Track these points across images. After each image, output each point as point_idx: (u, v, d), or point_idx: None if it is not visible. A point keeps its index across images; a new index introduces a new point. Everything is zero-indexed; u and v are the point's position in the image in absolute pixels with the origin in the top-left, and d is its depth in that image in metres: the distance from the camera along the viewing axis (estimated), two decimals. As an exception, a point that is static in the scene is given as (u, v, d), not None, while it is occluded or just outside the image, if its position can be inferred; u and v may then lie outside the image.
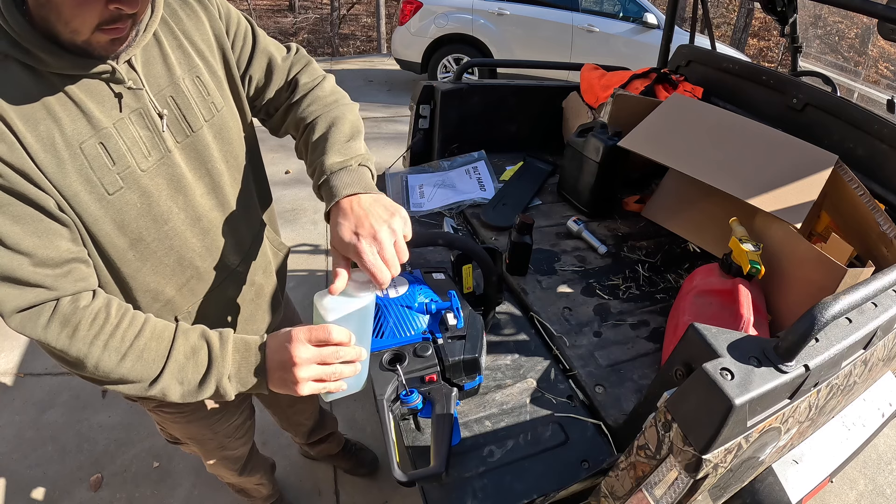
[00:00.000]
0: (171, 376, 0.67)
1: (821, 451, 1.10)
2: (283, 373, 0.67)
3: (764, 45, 12.77)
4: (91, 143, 0.65)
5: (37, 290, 0.63)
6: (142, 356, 0.66)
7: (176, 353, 0.67)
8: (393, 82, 6.26)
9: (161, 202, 0.72)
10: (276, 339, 0.69)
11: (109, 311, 0.67)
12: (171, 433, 1.09)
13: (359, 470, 1.72)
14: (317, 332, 0.66)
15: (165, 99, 0.72)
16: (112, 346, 0.65)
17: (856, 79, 10.88)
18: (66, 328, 0.64)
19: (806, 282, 1.10)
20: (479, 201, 1.62)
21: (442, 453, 0.80)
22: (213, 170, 0.79)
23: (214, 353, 0.68)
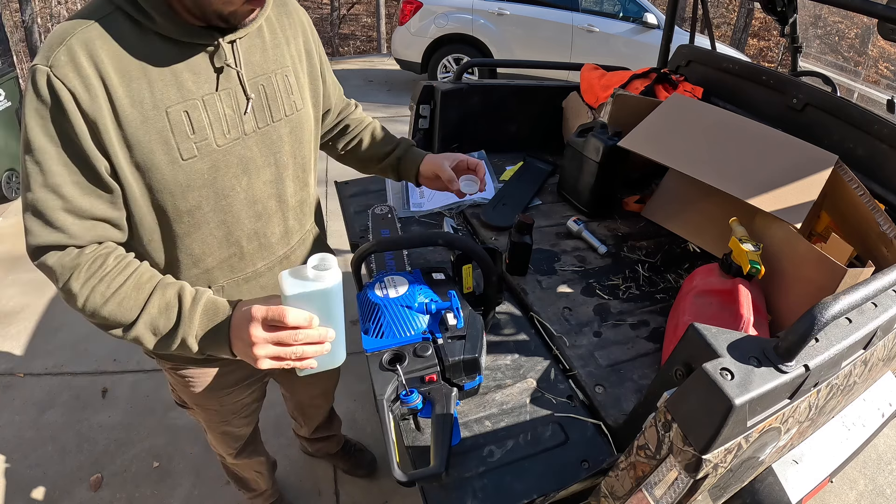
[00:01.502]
0: (144, 326, 0.71)
1: (821, 451, 1.10)
2: (242, 346, 0.70)
3: (764, 45, 12.77)
4: (176, 110, 0.70)
5: (59, 234, 0.68)
6: (121, 304, 0.70)
7: (150, 306, 0.71)
8: (393, 82, 6.26)
9: (226, 178, 0.77)
10: (240, 313, 0.71)
11: (108, 258, 0.71)
12: (180, 395, 1.10)
13: (357, 471, 1.73)
14: (272, 313, 0.67)
15: (256, 85, 0.78)
16: (98, 290, 0.70)
17: (856, 79, 10.88)
18: (63, 272, 0.69)
19: (806, 282, 1.10)
20: (479, 201, 1.62)
21: (442, 453, 0.80)
22: (280, 161, 0.84)
23: (184, 312, 0.71)
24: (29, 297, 2.54)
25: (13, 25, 10.42)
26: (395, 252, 1.24)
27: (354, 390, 1.99)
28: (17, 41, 10.33)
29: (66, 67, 0.63)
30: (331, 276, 0.68)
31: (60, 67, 0.63)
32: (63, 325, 2.36)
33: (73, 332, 2.32)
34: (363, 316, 0.95)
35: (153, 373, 2.10)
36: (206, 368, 0.99)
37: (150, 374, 2.10)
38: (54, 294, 2.56)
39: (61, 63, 0.63)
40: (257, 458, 1.37)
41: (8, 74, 3.47)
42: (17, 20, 10.20)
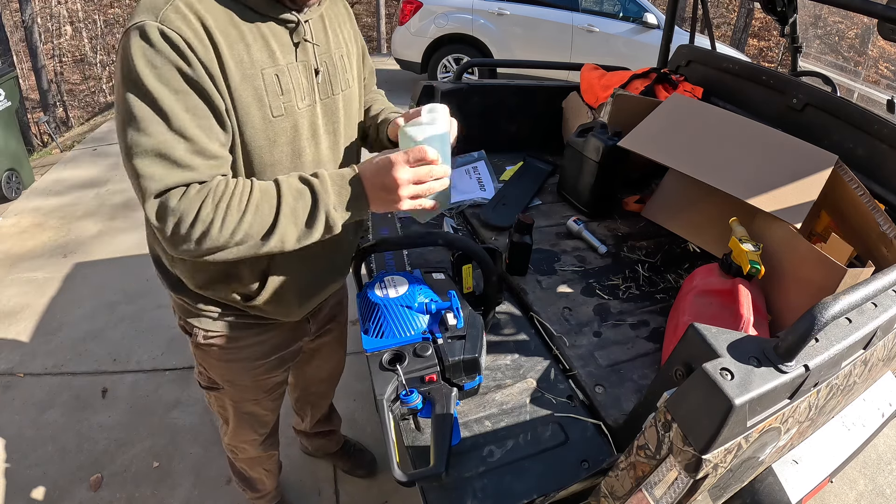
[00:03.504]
0: (286, 220, 0.74)
1: (821, 451, 1.10)
2: (385, 194, 0.78)
3: (764, 45, 12.77)
4: (270, 72, 0.77)
5: (187, 173, 0.70)
6: (258, 209, 0.73)
7: (284, 198, 0.75)
8: (393, 82, 6.26)
9: (302, 139, 0.85)
10: (372, 166, 0.78)
11: (228, 181, 0.74)
12: (210, 375, 1.09)
13: (357, 471, 1.73)
14: (413, 153, 0.77)
15: (324, 61, 0.87)
16: (233, 205, 0.72)
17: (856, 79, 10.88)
18: (192, 205, 0.71)
19: (806, 282, 1.10)
20: (479, 201, 1.62)
21: (442, 453, 0.80)
22: (337, 131, 0.92)
23: (317, 189, 0.76)
24: (29, 297, 2.54)
25: (13, 25, 10.42)
26: (394, 252, 1.24)
27: (354, 390, 1.98)
28: (17, 41, 10.33)
29: (178, 21, 0.67)
30: (445, 119, 0.85)
31: (172, 22, 0.67)
32: (63, 325, 2.36)
33: (73, 332, 2.32)
34: (363, 316, 0.95)
35: (153, 373, 2.10)
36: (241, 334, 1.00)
37: (150, 374, 2.10)
38: (54, 294, 2.56)
39: (172, 18, 0.67)
40: (273, 453, 1.38)
41: (8, 74, 3.47)
42: (17, 20, 10.20)
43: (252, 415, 1.19)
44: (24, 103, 7.83)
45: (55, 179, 3.82)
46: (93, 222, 3.23)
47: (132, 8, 0.74)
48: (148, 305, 2.48)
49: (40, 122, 6.09)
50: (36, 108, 10.06)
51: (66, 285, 2.64)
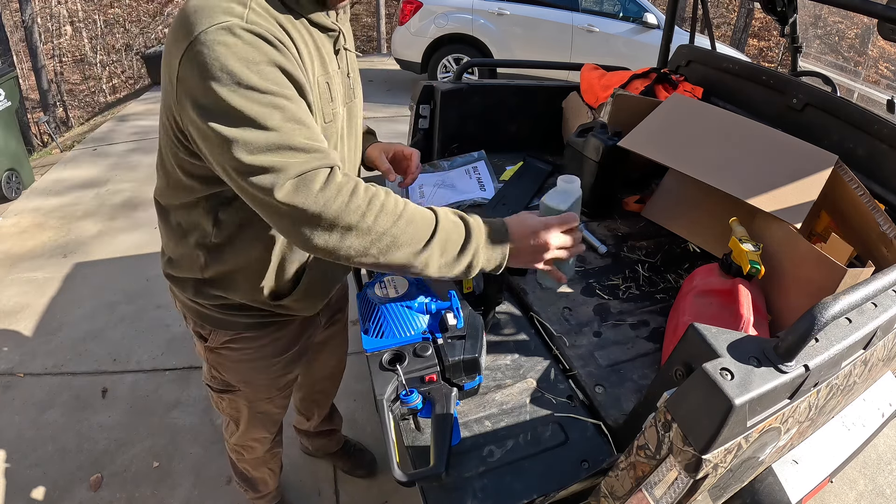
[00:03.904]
0: (438, 243, 0.72)
1: (821, 451, 1.10)
2: (531, 252, 0.80)
3: (764, 45, 12.77)
4: (323, 80, 0.80)
5: (317, 155, 0.68)
6: (413, 220, 0.71)
7: (442, 220, 0.73)
8: (393, 82, 6.26)
9: (340, 142, 0.89)
10: (524, 224, 0.79)
11: (377, 186, 0.73)
12: (225, 378, 1.08)
13: (357, 471, 1.73)
14: (566, 220, 0.81)
15: (351, 66, 0.91)
16: (387, 208, 0.70)
17: (856, 79, 10.88)
18: (342, 192, 0.68)
19: (806, 282, 1.10)
20: (479, 201, 1.62)
21: (442, 453, 0.80)
22: (355, 133, 0.97)
23: (471, 225, 0.76)
24: (29, 297, 2.54)
25: (13, 25, 10.42)
26: (395, 252, 1.24)
27: (354, 390, 1.99)
28: (17, 41, 10.32)
29: (260, 22, 0.67)
30: (579, 190, 0.93)
31: (256, 23, 0.67)
32: (63, 325, 2.36)
33: (73, 332, 2.32)
34: (363, 316, 0.95)
35: (153, 373, 2.10)
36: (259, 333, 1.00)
37: (150, 374, 2.10)
38: (54, 294, 2.56)
39: (254, 20, 0.67)
40: (279, 451, 1.39)
41: (8, 74, 3.47)
42: (17, 20, 10.20)
43: (266, 414, 1.19)
44: (24, 103, 7.83)
45: (55, 179, 3.83)
46: (93, 222, 3.23)
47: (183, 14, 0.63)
48: (148, 305, 2.48)
49: (40, 122, 6.09)
50: (36, 108, 10.06)
51: (66, 285, 2.64)
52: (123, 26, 13.03)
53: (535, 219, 0.80)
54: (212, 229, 0.84)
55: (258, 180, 0.65)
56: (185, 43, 0.64)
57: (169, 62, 0.68)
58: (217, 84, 0.63)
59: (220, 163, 0.68)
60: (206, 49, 0.63)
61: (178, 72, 0.66)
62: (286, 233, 0.70)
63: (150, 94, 6.25)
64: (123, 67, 12.60)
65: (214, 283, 0.90)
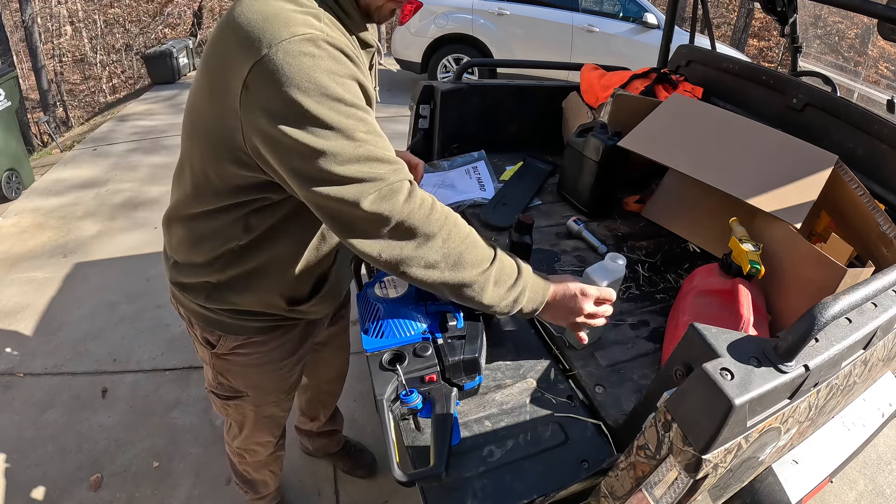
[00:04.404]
0: (496, 271, 0.75)
1: (821, 451, 1.10)
2: (564, 312, 0.85)
3: (764, 45, 12.77)
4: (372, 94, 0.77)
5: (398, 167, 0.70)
6: (477, 244, 0.75)
7: (500, 252, 0.77)
8: (393, 82, 6.26)
9: None
10: (564, 285, 0.84)
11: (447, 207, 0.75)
12: (232, 384, 1.07)
13: (357, 471, 1.73)
14: (605, 294, 0.86)
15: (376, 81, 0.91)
16: (460, 226, 0.73)
17: (856, 79, 10.88)
18: (424, 203, 0.71)
19: (806, 282, 1.10)
20: (479, 201, 1.62)
21: (442, 453, 0.80)
22: None
23: (521, 264, 0.80)
24: (29, 297, 2.54)
25: (13, 25, 10.42)
26: (395, 252, 1.24)
27: (354, 390, 1.98)
28: (17, 41, 10.32)
29: (338, 36, 0.69)
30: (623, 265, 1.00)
31: (333, 38, 0.67)
32: (63, 325, 2.36)
33: (73, 332, 2.32)
34: (363, 316, 0.95)
35: (153, 373, 2.10)
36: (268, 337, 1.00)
37: (150, 375, 2.10)
38: (54, 294, 2.56)
39: (329, 35, 0.67)
40: (281, 454, 1.39)
41: (8, 74, 3.47)
42: (17, 20, 10.20)
43: (271, 417, 1.19)
44: (24, 103, 7.83)
45: (55, 179, 3.82)
46: (93, 222, 3.23)
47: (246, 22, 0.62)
48: (148, 305, 2.48)
49: (40, 122, 6.09)
50: (36, 108, 10.06)
51: (66, 285, 2.64)
52: (123, 26, 13.03)
53: (577, 284, 0.84)
54: (241, 234, 0.83)
55: (346, 190, 0.66)
56: (259, 52, 0.62)
57: (228, 70, 0.66)
58: (303, 95, 0.63)
59: (300, 173, 0.67)
60: (290, 59, 0.62)
61: (245, 80, 0.64)
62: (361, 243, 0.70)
63: (150, 94, 6.24)
64: (123, 67, 12.60)
65: (231, 287, 0.89)
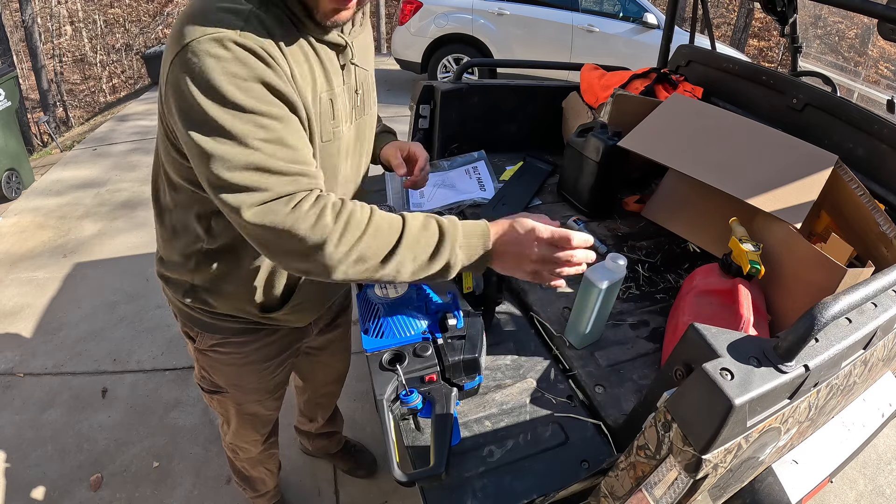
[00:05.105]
0: (406, 249, 0.71)
1: (821, 451, 1.10)
2: (517, 261, 0.75)
3: (764, 45, 12.77)
4: (326, 97, 0.77)
5: (295, 179, 0.68)
6: (377, 232, 0.70)
7: (409, 227, 0.72)
8: (393, 82, 6.26)
9: (340, 159, 0.87)
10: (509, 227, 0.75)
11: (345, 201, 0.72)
12: (213, 379, 1.08)
13: (357, 471, 1.73)
14: (559, 234, 0.73)
15: (360, 82, 0.88)
16: (352, 224, 0.69)
17: (856, 79, 10.89)
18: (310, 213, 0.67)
19: (806, 282, 1.10)
20: (479, 201, 1.62)
21: (442, 453, 0.80)
22: (362, 149, 0.96)
23: (444, 224, 0.73)
24: (29, 297, 2.54)
25: (13, 25, 10.42)
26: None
27: (354, 390, 1.99)
28: (17, 41, 10.33)
29: (254, 36, 0.65)
30: (624, 266, 0.99)
31: (250, 37, 0.65)
32: (63, 325, 2.36)
33: (73, 332, 2.32)
34: (363, 316, 0.95)
35: (153, 373, 2.10)
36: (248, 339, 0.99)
37: (150, 374, 2.10)
38: (54, 294, 2.56)
39: (248, 33, 0.65)
40: (273, 453, 1.38)
41: (8, 74, 3.47)
42: (17, 20, 10.20)
43: (255, 415, 1.19)
44: (24, 103, 7.83)
45: (55, 179, 3.83)
46: (93, 222, 3.23)
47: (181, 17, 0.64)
48: (148, 305, 2.48)
49: (40, 122, 6.09)
50: (36, 108, 10.06)
51: (66, 285, 2.64)
52: (123, 26, 13.03)
53: (525, 221, 0.74)
54: (204, 236, 0.84)
55: (230, 198, 0.65)
56: (177, 48, 0.64)
57: (163, 63, 0.68)
58: (202, 96, 0.63)
59: (199, 173, 0.68)
60: (196, 59, 0.63)
61: (167, 75, 0.66)
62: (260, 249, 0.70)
63: (150, 94, 6.25)
64: (123, 67, 12.60)
65: (206, 289, 0.90)
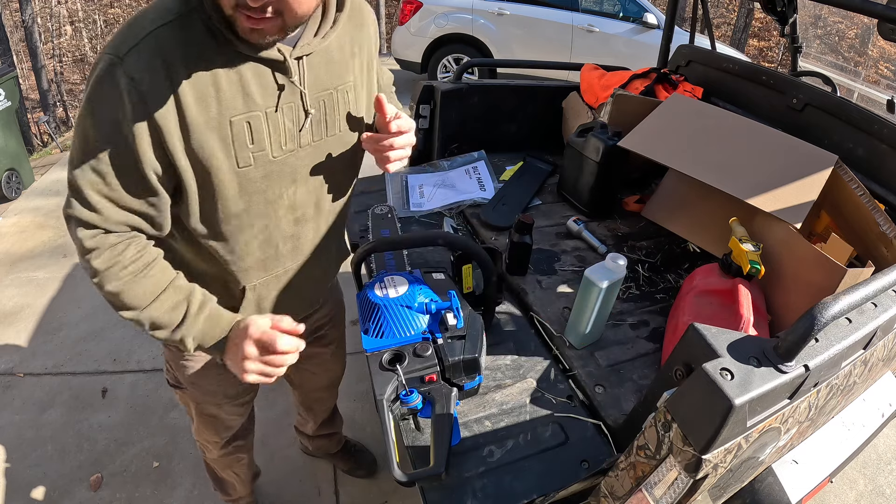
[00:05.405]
0: (148, 317, 0.76)
1: (821, 451, 1.10)
2: (234, 359, 0.78)
3: (764, 45, 12.77)
4: (239, 120, 0.72)
5: (92, 215, 0.71)
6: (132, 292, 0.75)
7: (161, 301, 0.76)
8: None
9: (276, 187, 0.81)
10: (238, 329, 0.78)
11: (128, 247, 0.75)
12: (176, 374, 1.07)
13: (357, 471, 1.73)
14: (266, 337, 0.74)
15: (318, 101, 0.80)
16: (113, 272, 0.73)
17: (856, 79, 10.89)
18: (90, 247, 0.72)
19: (806, 282, 1.10)
20: (479, 201, 1.62)
21: (441, 453, 0.80)
22: (327, 173, 0.88)
23: (189, 315, 0.78)
24: (29, 297, 2.54)
25: (13, 25, 10.42)
26: (394, 252, 1.24)
27: (354, 390, 1.98)
28: (17, 41, 10.33)
29: (137, 64, 0.64)
30: (624, 266, 1.01)
31: (132, 64, 0.64)
32: (63, 325, 2.36)
33: (73, 332, 2.32)
34: (363, 316, 0.95)
35: (153, 373, 2.10)
36: None
37: (150, 374, 2.09)
38: (54, 294, 2.56)
39: (133, 60, 0.64)
40: (239, 458, 1.33)
41: (8, 74, 3.47)
42: (17, 20, 10.20)
43: (214, 417, 1.17)
44: (24, 103, 7.83)
45: (55, 179, 3.82)
46: (93, 222, 3.23)
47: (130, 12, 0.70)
48: (148, 305, 2.48)
49: (40, 122, 6.09)
50: (36, 108, 10.07)
51: (66, 285, 2.64)
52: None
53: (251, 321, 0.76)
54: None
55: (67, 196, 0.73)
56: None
57: None
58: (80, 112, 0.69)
59: None
60: (93, 71, 0.67)
61: None
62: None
63: (150, 94, 6.24)
64: (123, 67, 12.58)
65: None
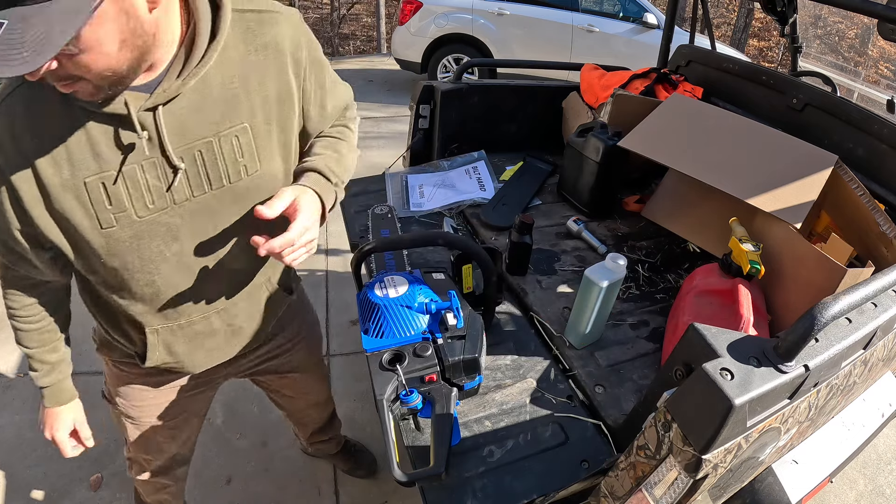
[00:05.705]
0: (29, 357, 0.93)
1: (821, 451, 1.10)
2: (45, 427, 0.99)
3: (764, 45, 12.77)
4: (94, 180, 0.67)
5: None
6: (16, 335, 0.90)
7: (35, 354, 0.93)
8: (393, 82, 6.25)
9: (152, 246, 0.75)
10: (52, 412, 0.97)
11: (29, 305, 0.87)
12: (109, 386, 1.06)
13: (357, 471, 1.72)
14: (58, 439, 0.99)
15: (193, 152, 0.71)
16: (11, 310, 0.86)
17: (856, 79, 10.89)
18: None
19: (806, 282, 1.10)
20: (479, 201, 1.62)
21: (441, 453, 0.80)
22: (220, 226, 0.79)
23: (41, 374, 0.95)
24: (29, 297, 2.54)
25: (13, 25, 10.40)
26: (394, 252, 1.24)
27: (354, 390, 1.98)
28: None
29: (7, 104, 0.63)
30: (624, 266, 1.03)
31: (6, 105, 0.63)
32: (63, 325, 2.36)
33: (73, 332, 2.31)
34: (363, 316, 0.95)
35: (153, 373, 2.10)
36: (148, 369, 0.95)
37: (150, 374, 2.09)
38: (54, 294, 2.56)
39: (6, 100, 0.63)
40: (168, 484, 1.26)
41: (8, 74, 3.47)
42: (17, 20, 10.17)
43: (143, 440, 1.09)
44: (24, 103, 7.81)
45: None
46: (93, 222, 3.22)
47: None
48: (148, 305, 2.48)
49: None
50: None
51: (66, 285, 2.63)
52: (123, 26, 12.97)
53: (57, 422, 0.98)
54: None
55: None
56: None
57: None
58: None
59: None
60: None
61: None
62: None
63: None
64: (123, 67, 12.55)
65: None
